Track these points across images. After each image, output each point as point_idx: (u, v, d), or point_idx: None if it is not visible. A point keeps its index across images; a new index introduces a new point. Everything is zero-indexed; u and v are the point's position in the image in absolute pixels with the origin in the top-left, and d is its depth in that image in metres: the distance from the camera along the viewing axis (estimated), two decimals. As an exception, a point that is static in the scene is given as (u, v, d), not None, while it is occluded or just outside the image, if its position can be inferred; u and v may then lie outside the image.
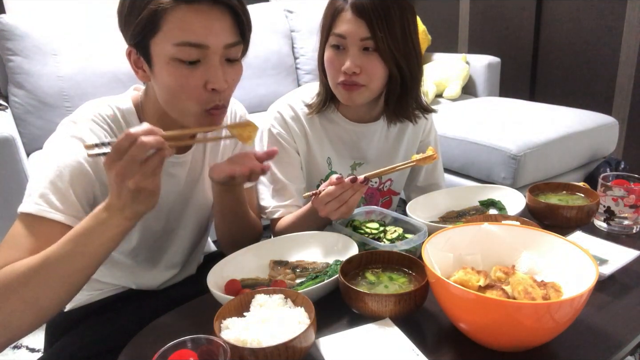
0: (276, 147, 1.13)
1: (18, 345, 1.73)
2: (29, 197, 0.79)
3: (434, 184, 1.35)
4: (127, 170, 0.67)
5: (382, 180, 1.27)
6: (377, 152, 1.23)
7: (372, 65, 1.04)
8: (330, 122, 1.19)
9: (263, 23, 2.69)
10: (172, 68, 0.79)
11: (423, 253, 0.76)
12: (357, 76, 1.04)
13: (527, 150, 1.95)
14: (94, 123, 0.86)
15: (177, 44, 0.77)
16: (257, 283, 0.89)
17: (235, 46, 0.83)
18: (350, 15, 1.02)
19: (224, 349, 0.60)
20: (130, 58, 0.85)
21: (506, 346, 0.70)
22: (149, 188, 0.69)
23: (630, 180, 1.07)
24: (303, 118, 1.17)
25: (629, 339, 0.73)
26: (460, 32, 3.39)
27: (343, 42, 1.04)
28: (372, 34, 1.01)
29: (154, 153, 0.68)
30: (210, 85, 0.81)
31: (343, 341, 0.71)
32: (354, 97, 1.08)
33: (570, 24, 2.80)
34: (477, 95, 2.98)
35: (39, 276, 0.71)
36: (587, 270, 0.70)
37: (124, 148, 0.66)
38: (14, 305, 0.70)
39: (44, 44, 2.07)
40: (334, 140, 1.20)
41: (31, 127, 2.04)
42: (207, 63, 0.80)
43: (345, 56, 1.04)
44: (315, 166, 1.20)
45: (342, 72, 1.05)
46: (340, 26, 1.03)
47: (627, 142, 2.69)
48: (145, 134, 0.66)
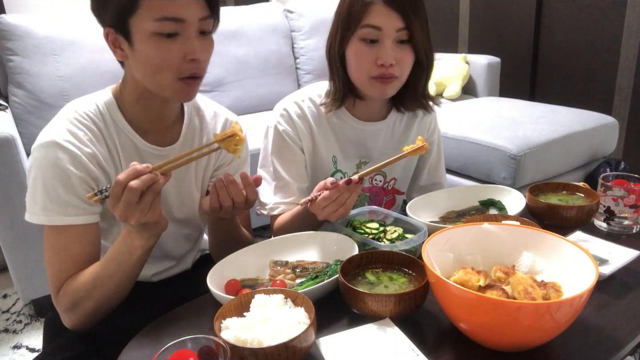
0: (281, 144, 1.15)
1: (18, 345, 1.73)
2: (45, 210, 0.86)
3: (437, 184, 1.35)
4: (126, 213, 0.76)
5: (387, 179, 1.27)
6: (382, 151, 1.23)
7: (406, 57, 1.05)
8: (338, 120, 1.19)
9: (263, 23, 2.68)
10: (153, 42, 0.84)
11: (423, 253, 0.76)
12: (392, 68, 1.04)
13: (527, 150, 1.95)
14: (71, 124, 0.90)
15: (157, 19, 0.82)
16: (257, 283, 0.89)
17: (208, 19, 0.88)
18: (382, 7, 1.01)
19: (224, 349, 0.60)
20: (109, 39, 0.89)
21: (506, 346, 0.70)
22: (151, 220, 0.80)
23: (630, 180, 1.07)
24: (310, 115, 1.17)
25: (629, 339, 0.73)
26: (460, 32, 3.39)
27: (378, 34, 1.03)
28: (407, 25, 1.02)
29: (147, 190, 0.75)
30: (190, 56, 0.86)
31: (343, 341, 0.71)
32: (388, 90, 1.08)
33: (570, 24, 2.80)
34: (477, 95, 2.98)
35: (96, 290, 0.86)
36: (587, 270, 0.70)
37: (118, 194, 0.75)
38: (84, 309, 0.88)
39: (44, 44, 2.07)
40: (341, 138, 1.20)
41: (31, 127, 2.04)
42: (184, 35, 0.85)
43: (379, 49, 1.03)
44: (321, 164, 1.20)
45: (376, 66, 1.04)
46: (373, 18, 1.02)
47: (627, 142, 2.69)
48: (133, 177, 0.74)
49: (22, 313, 1.91)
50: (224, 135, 0.84)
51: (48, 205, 0.86)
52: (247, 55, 2.59)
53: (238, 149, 0.86)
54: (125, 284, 0.88)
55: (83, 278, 0.87)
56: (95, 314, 0.89)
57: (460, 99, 2.84)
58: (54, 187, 0.86)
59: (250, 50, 2.60)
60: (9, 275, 1.75)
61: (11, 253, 1.69)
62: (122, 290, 0.89)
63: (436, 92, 2.85)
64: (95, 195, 0.77)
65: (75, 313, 0.88)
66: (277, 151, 1.17)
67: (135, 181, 0.74)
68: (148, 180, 0.75)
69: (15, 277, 1.73)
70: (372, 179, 1.25)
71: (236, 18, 2.62)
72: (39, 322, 1.85)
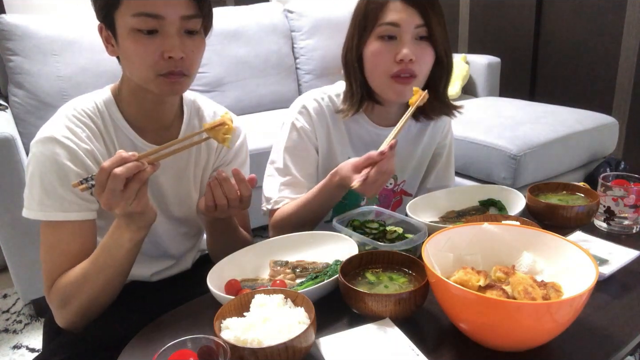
0: (297, 140, 1.16)
1: (18, 345, 1.73)
2: (41, 205, 0.86)
3: (444, 187, 1.33)
4: (110, 201, 0.74)
5: (398, 182, 1.27)
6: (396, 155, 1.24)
7: (425, 54, 1.05)
8: (354, 122, 1.18)
9: (263, 23, 2.67)
10: (132, 38, 0.84)
11: (423, 253, 0.76)
12: (412, 64, 1.03)
13: (527, 150, 1.95)
14: (69, 122, 0.91)
15: (134, 14, 0.83)
16: (257, 283, 0.89)
17: (193, 18, 0.87)
18: (400, 4, 1.02)
19: (224, 349, 0.60)
20: (102, 34, 0.90)
21: (506, 346, 0.70)
22: (137, 211, 0.78)
23: (630, 180, 1.07)
24: (328, 114, 1.16)
25: (629, 339, 0.73)
26: (460, 32, 3.39)
27: (396, 31, 1.03)
28: (425, 21, 1.01)
29: (132, 178, 0.74)
30: (166, 54, 0.85)
31: (343, 341, 0.71)
32: (407, 91, 1.06)
33: (570, 24, 2.80)
34: (477, 95, 2.98)
35: (86, 286, 0.85)
36: (587, 270, 0.70)
37: (103, 182, 0.73)
38: (75, 306, 0.87)
39: (44, 44, 2.07)
40: (355, 140, 1.19)
41: (31, 127, 2.03)
42: (164, 33, 0.85)
43: (397, 46, 1.03)
44: (334, 163, 1.18)
45: (395, 63, 1.04)
46: (391, 15, 1.02)
47: (627, 142, 2.69)
48: (117, 164, 0.73)
49: (22, 313, 1.91)
50: (213, 124, 0.84)
51: (45, 201, 0.86)
52: (247, 55, 2.58)
53: (227, 138, 0.85)
54: (114, 281, 0.87)
55: (73, 274, 0.87)
56: (86, 311, 0.88)
57: (460, 99, 2.84)
58: (51, 182, 0.86)
59: (250, 50, 2.60)
60: (9, 275, 1.75)
61: (11, 253, 1.69)
62: (111, 287, 0.88)
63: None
64: (81, 183, 0.75)
65: (67, 310, 0.88)
66: (291, 147, 1.16)
67: (119, 168, 0.73)
68: (133, 168, 0.73)
69: (15, 277, 1.73)
70: None
71: (236, 18, 2.62)
72: (39, 322, 1.84)
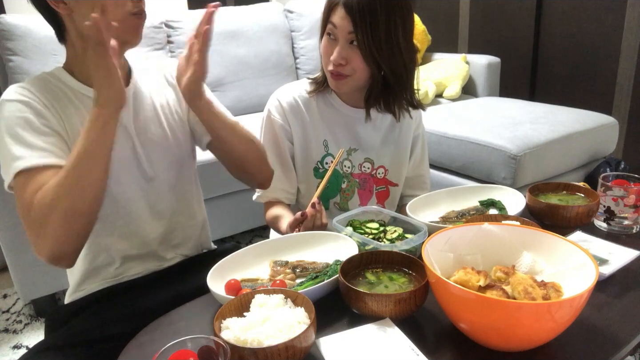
0: (271, 133, 1.25)
1: (18, 345, 1.73)
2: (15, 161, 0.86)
3: (421, 176, 1.41)
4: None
5: (375, 167, 1.31)
6: (370, 139, 1.28)
7: (357, 59, 1.11)
8: (328, 105, 1.26)
9: (263, 23, 2.68)
10: None
11: (423, 253, 0.76)
12: (342, 67, 1.12)
13: (527, 150, 1.95)
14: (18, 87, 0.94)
15: None
16: (257, 283, 0.89)
17: None
18: (341, 9, 1.09)
19: (224, 349, 0.60)
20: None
21: (506, 346, 0.70)
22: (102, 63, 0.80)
23: (630, 180, 1.07)
24: (301, 102, 1.24)
25: (629, 339, 0.73)
26: (460, 32, 3.39)
27: (335, 32, 1.11)
28: (354, 29, 1.08)
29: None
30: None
31: (343, 341, 0.71)
32: (340, 85, 1.17)
33: (570, 24, 2.80)
34: (477, 95, 2.98)
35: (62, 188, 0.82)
36: (587, 270, 0.70)
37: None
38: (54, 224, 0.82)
39: (44, 44, 2.07)
40: (331, 123, 1.26)
41: (31, 127, 2.04)
42: None
43: (335, 47, 1.12)
44: (311, 149, 1.26)
45: (331, 61, 1.13)
46: (334, 17, 1.11)
47: (627, 142, 2.68)
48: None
49: (22, 313, 1.91)
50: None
51: (16, 153, 0.87)
52: (247, 55, 2.59)
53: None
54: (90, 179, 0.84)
55: (45, 188, 0.84)
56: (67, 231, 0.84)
57: (460, 99, 2.84)
58: (17, 135, 0.88)
59: (250, 50, 2.61)
60: (9, 275, 1.75)
61: (11, 253, 1.69)
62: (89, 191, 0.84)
63: (436, 92, 2.85)
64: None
65: (44, 236, 0.83)
66: (268, 140, 1.25)
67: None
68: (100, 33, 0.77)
69: (15, 277, 1.73)
70: (360, 165, 1.30)
71: (236, 18, 2.62)
72: (39, 322, 1.84)
